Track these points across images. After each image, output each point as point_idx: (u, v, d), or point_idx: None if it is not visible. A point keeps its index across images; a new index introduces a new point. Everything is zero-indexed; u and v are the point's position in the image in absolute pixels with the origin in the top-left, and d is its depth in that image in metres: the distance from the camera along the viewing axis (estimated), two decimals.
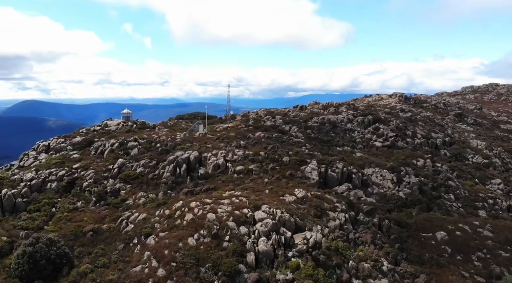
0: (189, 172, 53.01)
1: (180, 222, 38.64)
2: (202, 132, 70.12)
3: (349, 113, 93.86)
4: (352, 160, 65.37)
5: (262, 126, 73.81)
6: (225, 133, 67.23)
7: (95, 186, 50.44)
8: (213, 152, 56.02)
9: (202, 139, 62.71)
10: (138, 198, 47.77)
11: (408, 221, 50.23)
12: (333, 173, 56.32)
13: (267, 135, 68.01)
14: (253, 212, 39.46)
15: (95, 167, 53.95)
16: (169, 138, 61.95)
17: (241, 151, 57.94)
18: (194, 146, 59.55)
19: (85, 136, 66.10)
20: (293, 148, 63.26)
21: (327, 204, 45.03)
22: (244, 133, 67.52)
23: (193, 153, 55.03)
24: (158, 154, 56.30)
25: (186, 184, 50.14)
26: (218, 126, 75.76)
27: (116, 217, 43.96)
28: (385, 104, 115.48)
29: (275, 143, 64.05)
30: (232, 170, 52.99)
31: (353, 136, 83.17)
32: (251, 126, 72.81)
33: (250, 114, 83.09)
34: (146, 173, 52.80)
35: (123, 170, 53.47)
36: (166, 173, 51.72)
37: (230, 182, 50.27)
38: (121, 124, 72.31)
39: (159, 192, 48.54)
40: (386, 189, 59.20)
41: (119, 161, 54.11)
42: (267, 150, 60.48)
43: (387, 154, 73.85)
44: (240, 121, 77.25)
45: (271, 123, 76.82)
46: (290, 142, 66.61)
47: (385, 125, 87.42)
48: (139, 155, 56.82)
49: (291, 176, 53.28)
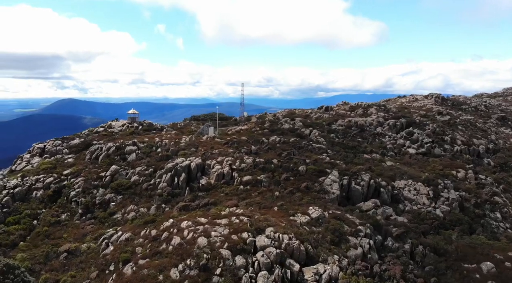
0: (189, 182, 46.68)
1: (165, 246, 32.26)
2: (212, 135, 63.85)
3: (379, 116, 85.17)
4: (381, 170, 57.16)
5: (279, 129, 66.65)
6: (236, 137, 60.61)
7: (83, 196, 45.03)
8: (218, 159, 49.44)
9: (209, 144, 56.32)
10: (128, 212, 41.87)
11: (446, 247, 41.84)
12: (357, 186, 48.58)
13: (283, 139, 60.82)
14: (255, 236, 32.55)
15: (86, 174, 48.58)
16: (172, 142, 55.89)
17: (250, 158, 51.08)
18: (199, 151, 53.23)
19: (85, 138, 61.10)
20: (312, 155, 55.78)
21: (348, 227, 37.49)
22: (257, 137, 60.63)
23: (195, 160, 48.66)
24: (157, 161, 50.34)
25: (184, 196, 43.81)
26: (231, 129, 69.22)
27: (99, 234, 38.17)
28: (420, 105, 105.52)
29: (291, 149, 56.78)
30: (238, 181, 46.26)
31: (383, 142, 74.57)
32: (267, 129, 65.85)
33: (267, 115, 76.02)
34: (141, 182, 46.92)
35: (116, 178, 47.81)
36: (162, 183, 45.58)
37: (235, 195, 43.56)
38: (126, 125, 67.03)
39: (152, 205, 42.42)
40: (421, 206, 50.72)
41: (112, 168, 48.47)
42: (281, 157, 53.33)
43: (422, 163, 64.97)
44: (255, 124, 70.45)
45: (289, 126, 69.52)
46: (309, 148, 59.13)
47: (420, 129, 78.24)
48: (136, 161, 51.04)
49: (306, 189, 45.95)
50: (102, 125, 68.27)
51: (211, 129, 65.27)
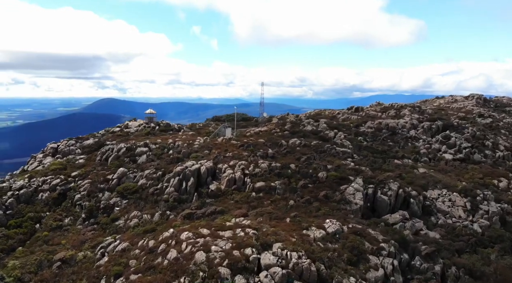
0: (198, 187, 43.76)
1: (160, 260, 29.35)
2: (229, 136, 60.81)
3: (413, 117, 79.23)
4: (412, 178, 52.03)
5: (300, 131, 62.61)
6: (254, 139, 57.21)
7: (88, 199, 43.09)
8: (231, 163, 46.22)
9: (224, 146, 53.26)
10: (130, 219, 39.43)
11: (484, 269, 36.67)
12: (384, 196, 44.00)
13: (304, 142, 56.79)
14: (260, 253, 29.06)
15: (93, 177, 46.73)
16: (185, 143, 53.22)
17: (266, 162, 47.53)
18: (212, 154, 50.24)
19: (99, 139, 59.65)
20: (335, 161, 51.48)
21: (369, 244, 33.22)
22: (276, 140, 56.95)
23: (206, 163, 45.68)
24: (167, 163, 47.79)
25: (191, 203, 40.89)
26: (250, 130, 65.93)
27: (98, 242, 35.87)
28: (459, 107, 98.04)
29: (312, 153, 52.71)
30: (251, 187, 42.84)
31: (416, 146, 68.87)
32: (287, 131, 62.00)
33: (289, 116, 72.10)
34: (148, 186, 44.46)
35: (124, 181, 45.64)
36: (169, 188, 42.89)
37: (245, 203, 40.20)
38: (142, 125, 65.21)
39: (157, 212, 39.78)
40: (456, 220, 45.36)
41: (120, 170, 46.35)
42: (299, 162, 49.43)
43: (459, 171, 59.06)
44: (275, 125, 66.76)
45: (312, 127, 65.33)
46: (332, 153, 54.80)
47: (458, 132, 71.82)
48: (146, 163, 48.73)
49: (325, 198, 41.88)
50: (119, 125, 66.84)
51: (228, 130, 62.27)
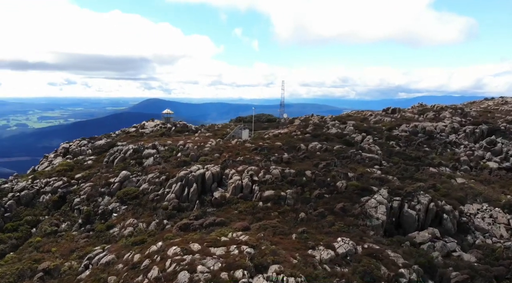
0: (202, 194, 40.38)
1: (141, 279, 26.14)
2: (246, 138, 57.14)
3: (453, 120, 71.97)
4: (447, 189, 46.01)
5: (323, 134, 57.77)
6: (270, 142, 53.20)
7: (87, 204, 40.86)
8: (239, 168, 42.49)
9: (236, 149, 49.62)
10: (126, 227, 36.65)
11: None
12: (411, 210, 38.58)
13: (326, 146, 51.99)
14: (252, 276, 25.16)
15: (95, 179, 44.63)
16: (196, 146, 50.09)
17: (279, 168, 43.39)
18: (222, 158, 46.75)
19: (113, 139, 57.93)
20: (358, 168, 46.40)
21: (386, 269, 28.28)
22: (294, 143, 52.58)
23: (212, 168, 42.24)
24: (173, 167, 44.82)
25: (192, 211, 37.56)
26: (269, 132, 61.93)
27: (86, 252, 33.32)
28: (509, 109, 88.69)
29: (333, 159, 47.86)
30: (258, 196, 38.88)
31: (456, 153, 61.98)
32: (309, 134, 57.40)
33: (313, 118, 67.26)
34: (149, 191, 41.65)
35: (125, 185, 43.18)
36: (170, 194, 39.81)
37: (250, 214, 36.33)
38: (159, 126, 62.99)
39: (153, 220, 36.76)
40: (497, 240, 39.03)
41: (122, 173, 43.95)
42: (317, 168, 44.84)
43: (504, 182, 51.98)
44: (297, 127, 62.33)
45: (337, 130, 60.22)
46: (357, 159, 49.64)
47: (506, 138, 64.04)
48: (152, 166, 46.06)
49: (342, 211, 37.13)
50: (135, 125, 65.11)
51: (245, 132, 58.62)
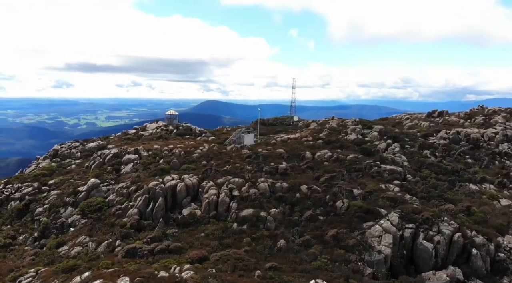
0: (171, 209, 34.37)
1: None
2: (247, 144, 50.50)
3: (507, 127, 60.48)
4: (486, 214, 36.42)
5: (338, 140, 49.56)
6: (273, 149, 46.13)
7: (47, 215, 36.46)
8: (219, 180, 36.05)
9: (228, 156, 43.21)
10: (75, 246, 31.52)
11: None
12: (427, 242, 30.01)
13: (338, 155, 43.95)
14: None
15: (65, 187, 40.28)
16: (183, 151, 44.24)
17: (269, 181, 36.39)
18: (210, 165, 40.51)
19: (108, 141, 53.86)
20: (370, 183, 38.07)
21: None
22: (299, 151, 45.10)
23: (188, 179, 36.18)
24: (150, 176, 39.26)
25: (152, 231, 31.65)
26: (277, 137, 54.77)
27: (20, 274, 28.52)
28: None
29: (341, 171, 39.83)
30: (234, 216, 32.15)
31: (505, 166, 50.99)
32: (321, 140, 49.51)
33: (332, 121, 58.84)
34: (115, 203, 36.41)
35: (93, 194, 38.41)
36: (133, 209, 34.22)
37: (218, 238, 29.80)
38: (160, 128, 58.18)
39: (107, 239, 31.31)
40: None
41: (91, 182, 39.22)
42: (317, 182, 37.20)
43: None
44: (311, 131, 54.58)
45: (357, 136, 51.65)
46: (372, 172, 41.18)
47: None
48: (128, 174, 40.88)
49: (335, 240, 29.46)
50: (136, 127, 60.91)
51: (249, 137, 51.93)
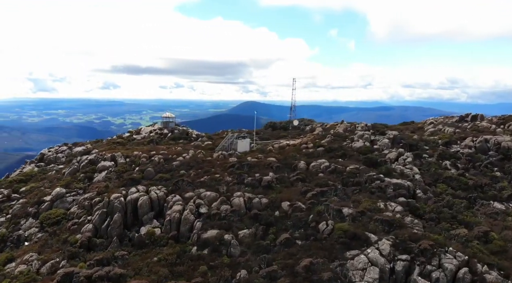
0: (131, 226, 30.65)
1: None
2: (240, 150, 46.08)
3: None
4: (505, 241, 30.23)
5: (341, 148, 44.04)
6: (265, 157, 41.50)
7: (6, 226, 33.79)
8: (188, 194, 31.98)
9: (211, 165, 39.02)
10: (20, 263, 28.45)
11: None
12: (423, 279, 24.60)
13: (336, 166, 38.68)
14: None
15: (32, 196, 37.61)
16: (162, 159, 40.41)
17: (247, 195, 31.97)
18: (187, 175, 36.54)
19: (92, 145, 51.30)
20: (366, 200, 32.62)
21: None
22: (292, 159, 40.14)
23: (154, 192, 32.33)
24: (119, 186, 35.75)
25: (103, 251, 28.01)
26: (276, 143, 49.90)
27: None
28: None
29: (335, 185, 34.62)
30: (195, 237, 27.93)
31: None
32: (322, 147, 44.24)
33: (339, 126, 53.00)
34: (75, 216, 33.22)
35: (56, 205, 35.44)
36: (88, 225, 30.74)
37: (170, 265, 25.71)
38: (154, 131, 54.94)
39: (53, 259, 28.02)
40: None
41: (55, 191, 36.40)
42: (304, 198, 32.27)
43: None
44: (313, 137, 49.31)
45: (365, 143, 45.89)
46: (372, 186, 35.62)
47: None
48: (98, 183, 37.60)
49: (307, 272, 24.71)
50: (130, 130, 58.03)
51: (244, 143, 47.43)
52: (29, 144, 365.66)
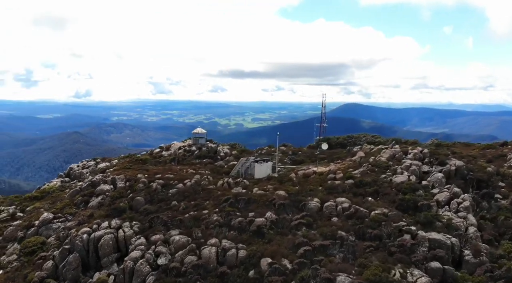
0: (91, 268, 27.37)
1: None
2: (258, 177, 40.38)
3: None
4: None
5: (376, 182, 35.35)
6: (274, 188, 35.20)
7: None
8: (154, 237, 27.64)
9: (209, 195, 34.11)
10: None
11: None
12: None
13: (358, 208, 30.92)
14: None
15: (28, 218, 36.75)
16: (159, 186, 36.44)
17: (220, 246, 26.53)
18: (174, 208, 32.31)
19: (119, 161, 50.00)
20: (375, 266, 24.79)
21: None
22: (302, 196, 33.16)
23: (125, 228, 28.75)
24: (103, 216, 32.84)
25: None
26: (302, 168, 42.77)
27: None
28: None
29: (340, 239, 27.25)
30: None
31: None
32: (351, 179, 36.21)
33: (387, 151, 42.96)
34: (49, 247, 31.16)
35: (41, 232, 33.84)
36: (49, 262, 28.23)
37: None
38: (183, 148, 51.80)
39: None
40: None
41: (43, 216, 34.83)
42: (294, 255, 25.72)
43: None
44: (347, 165, 41.11)
45: (408, 177, 36.56)
46: (394, 244, 27.34)
47: None
48: (89, 210, 35.11)
49: None
50: (161, 145, 55.54)
51: (263, 168, 41.35)
52: (147, 141, 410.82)
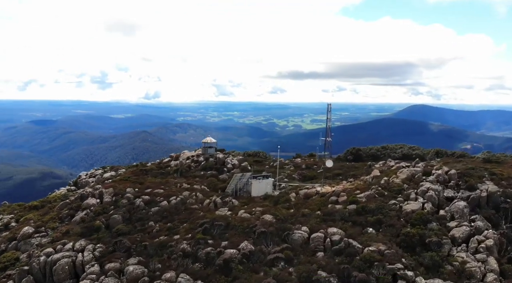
0: None
1: None
2: (255, 194, 36.89)
3: None
4: None
5: (381, 210, 30.42)
6: (262, 212, 31.51)
7: None
8: (109, 265, 25.29)
9: (191, 216, 31.24)
10: None
11: None
12: None
13: (350, 242, 26.35)
14: None
15: (14, 230, 36.15)
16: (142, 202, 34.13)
17: (177, 281, 23.59)
18: (151, 230, 29.95)
19: (126, 170, 48.89)
20: None
21: None
22: (290, 223, 28.99)
23: (85, 252, 26.79)
24: (79, 233, 31.29)
25: None
26: (305, 187, 38.35)
27: None
28: None
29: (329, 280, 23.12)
30: None
31: None
32: (354, 204, 31.41)
33: (403, 171, 36.90)
34: (19, 264, 29.92)
35: (20, 246, 33.00)
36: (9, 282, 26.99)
37: None
38: (192, 158, 49.53)
39: None
40: None
41: (24, 230, 33.85)
42: None
43: None
44: (355, 186, 36.08)
45: (422, 205, 31.10)
46: None
47: None
48: (71, 225, 33.76)
49: None
50: (172, 154, 53.51)
51: (261, 185, 37.56)
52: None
